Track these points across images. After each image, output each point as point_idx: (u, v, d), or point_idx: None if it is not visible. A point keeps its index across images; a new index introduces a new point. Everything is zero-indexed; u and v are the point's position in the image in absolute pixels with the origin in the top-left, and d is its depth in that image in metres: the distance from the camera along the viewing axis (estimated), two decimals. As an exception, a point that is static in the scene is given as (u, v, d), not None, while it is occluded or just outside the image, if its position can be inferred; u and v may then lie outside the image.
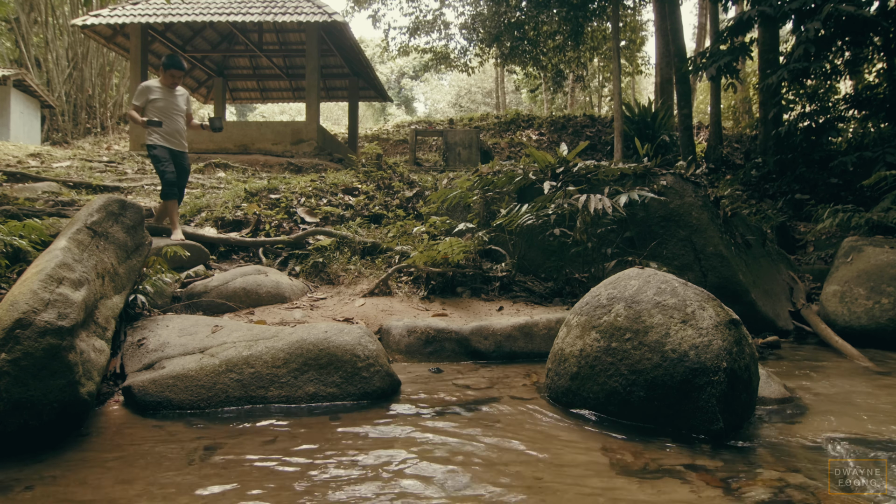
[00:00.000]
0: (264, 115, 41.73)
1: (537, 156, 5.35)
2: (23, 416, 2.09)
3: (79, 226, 2.80)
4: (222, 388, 2.63)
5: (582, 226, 4.44)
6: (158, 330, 3.12)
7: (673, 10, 11.35)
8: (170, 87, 5.28)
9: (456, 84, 42.79)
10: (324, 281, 5.30)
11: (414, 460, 2.07)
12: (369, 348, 2.89)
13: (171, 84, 5.28)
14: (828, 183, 8.91)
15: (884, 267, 4.66)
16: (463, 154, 11.85)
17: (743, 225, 5.54)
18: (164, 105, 5.19)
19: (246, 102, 21.67)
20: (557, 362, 2.77)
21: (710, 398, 2.25)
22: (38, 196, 6.32)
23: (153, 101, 5.14)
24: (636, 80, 26.35)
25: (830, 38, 8.18)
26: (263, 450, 2.14)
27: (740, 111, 19.14)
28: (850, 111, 9.53)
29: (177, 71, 5.24)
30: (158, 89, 5.19)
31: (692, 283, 2.66)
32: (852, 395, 3.02)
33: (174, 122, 5.28)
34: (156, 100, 5.14)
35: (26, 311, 2.14)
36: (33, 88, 16.17)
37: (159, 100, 5.16)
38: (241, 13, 11.80)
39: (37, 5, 17.71)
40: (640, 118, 12.48)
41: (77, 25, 12.05)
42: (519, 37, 16.18)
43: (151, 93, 5.16)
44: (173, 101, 5.30)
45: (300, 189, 7.29)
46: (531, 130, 18.48)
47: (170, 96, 5.27)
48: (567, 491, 1.82)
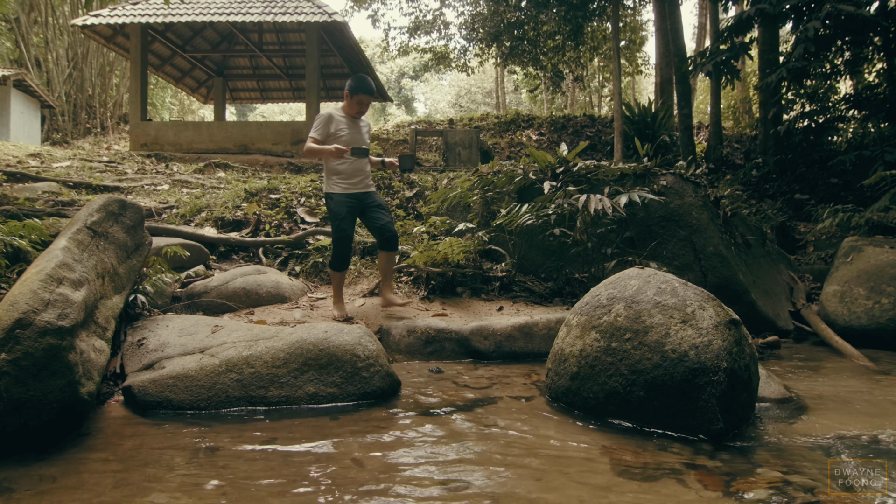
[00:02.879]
0: (264, 115, 41.73)
1: (537, 156, 5.35)
2: (23, 416, 2.09)
3: (79, 226, 2.80)
4: (222, 388, 2.63)
5: (582, 226, 4.44)
6: (158, 330, 3.12)
7: (673, 10, 11.34)
8: (355, 117, 4.18)
9: (456, 84, 42.79)
10: (324, 281, 5.30)
11: (414, 460, 2.07)
12: (369, 348, 2.89)
13: (356, 113, 4.16)
14: (828, 183, 8.91)
15: (884, 267, 4.66)
16: (463, 154, 11.85)
17: (743, 225, 5.54)
18: (349, 139, 4.08)
19: (246, 102, 21.68)
20: (557, 362, 2.77)
21: (710, 398, 2.25)
22: (38, 196, 6.32)
23: (336, 135, 4.05)
24: (636, 80, 26.34)
25: (830, 37, 8.17)
26: (263, 450, 2.14)
27: (740, 111, 19.14)
28: (850, 111, 9.53)
29: (366, 97, 4.10)
30: (342, 119, 4.10)
31: (692, 283, 2.66)
32: (852, 394, 3.02)
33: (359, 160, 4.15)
34: (339, 132, 4.06)
35: (26, 311, 2.14)
36: (33, 88, 16.17)
37: (343, 133, 4.07)
38: (241, 13, 11.80)
39: (37, 5, 17.71)
40: (640, 118, 12.47)
41: (77, 25, 12.05)
42: (519, 37, 16.18)
43: (334, 123, 4.07)
44: (358, 134, 4.18)
45: (300, 189, 7.30)
46: (531, 130, 18.48)
47: (355, 128, 4.16)
48: (567, 491, 1.82)
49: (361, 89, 4.07)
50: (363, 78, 4.12)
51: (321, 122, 4.05)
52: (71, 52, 18.20)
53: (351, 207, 4.08)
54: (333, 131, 4.05)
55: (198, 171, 9.93)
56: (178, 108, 26.77)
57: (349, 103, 4.12)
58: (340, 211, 4.05)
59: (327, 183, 4.15)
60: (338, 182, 4.09)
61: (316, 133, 4.03)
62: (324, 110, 4.13)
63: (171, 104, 26.06)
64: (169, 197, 7.20)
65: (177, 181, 8.54)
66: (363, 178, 4.16)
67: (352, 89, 4.07)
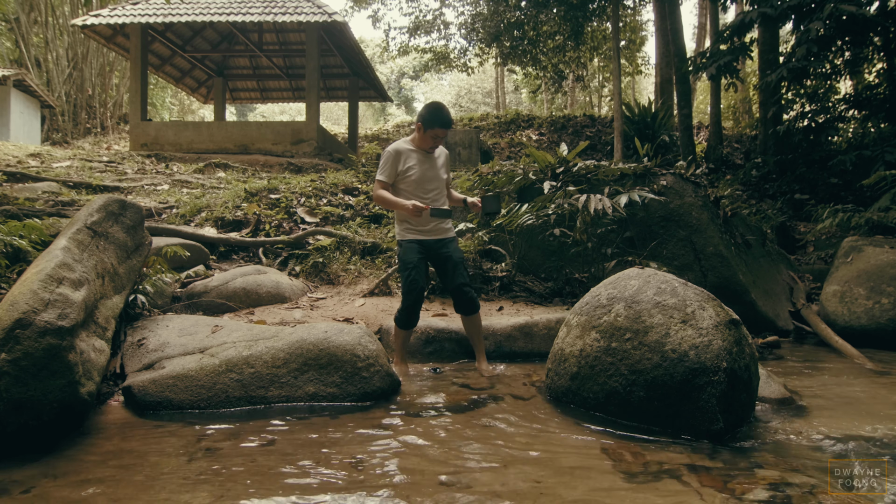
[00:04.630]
0: (264, 115, 41.72)
1: (537, 156, 5.36)
2: (23, 416, 2.09)
3: (79, 226, 2.80)
4: (222, 388, 2.63)
5: (582, 226, 4.44)
6: (158, 330, 3.12)
7: (673, 10, 11.34)
8: (429, 151, 3.50)
9: (456, 84, 42.79)
10: (324, 281, 5.30)
11: (414, 460, 2.07)
12: (369, 348, 2.89)
13: (431, 147, 3.48)
14: (828, 183, 8.91)
15: (884, 267, 4.66)
16: (463, 154, 11.85)
17: (743, 225, 5.54)
18: (421, 176, 3.44)
19: (246, 102, 21.68)
20: (557, 362, 2.77)
21: (709, 398, 2.25)
22: (38, 196, 6.32)
23: (406, 172, 3.42)
24: (636, 80, 26.33)
25: (830, 37, 8.17)
26: (263, 450, 2.14)
27: (740, 111, 19.14)
28: (850, 111, 9.53)
29: (442, 130, 3.40)
30: (413, 154, 3.45)
31: (692, 283, 2.66)
32: (852, 395, 3.02)
33: (434, 198, 3.50)
34: (410, 171, 3.42)
35: (26, 311, 2.14)
36: (33, 88, 16.17)
37: (415, 170, 3.42)
38: (241, 13, 11.79)
39: (37, 5, 17.71)
40: (640, 118, 12.47)
41: (77, 25, 12.04)
42: (519, 37, 16.17)
43: (403, 159, 3.43)
44: (432, 170, 3.51)
45: (300, 189, 7.30)
46: (531, 130, 18.48)
47: (428, 163, 3.49)
48: (566, 491, 1.82)
49: (437, 122, 3.37)
50: (438, 108, 3.42)
51: (388, 160, 3.41)
52: (71, 52, 18.19)
53: (423, 256, 3.45)
54: (403, 169, 3.42)
55: (198, 171, 9.93)
56: (178, 108, 26.76)
57: (422, 137, 3.42)
58: (411, 259, 3.39)
59: (398, 229, 3.54)
60: (409, 228, 3.47)
61: (384, 175, 3.40)
62: (391, 145, 3.51)
63: (171, 104, 26.06)
64: (169, 197, 7.20)
65: (177, 181, 8.54)
66: (439, 223, 3.51)
67: (426, 122, 3.37)
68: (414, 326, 3.49)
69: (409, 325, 3.44)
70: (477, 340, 3.50)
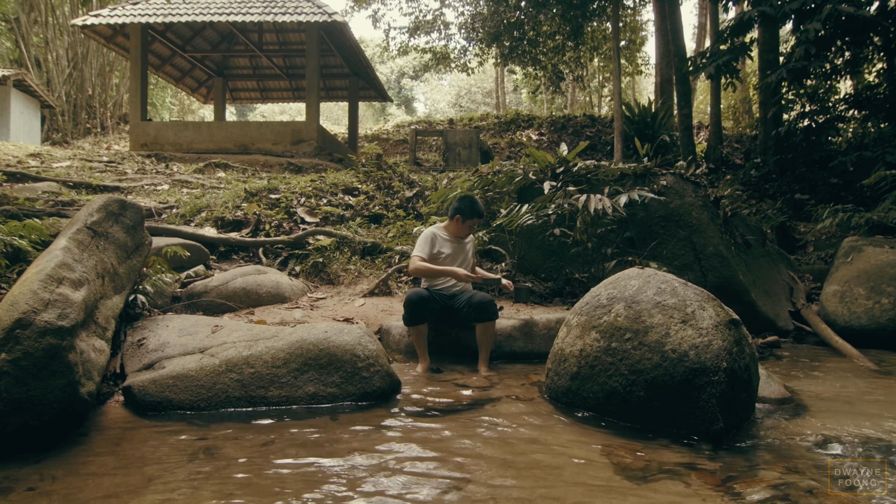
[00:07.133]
0: (264, 115, 41.72)
1: (537, 156, 5.36)
2: (23, 416, 2.09)
3: (79, 226, 2.80)
4: (222, 389, 2.63)
5: (582, 226, 4.44)
6: (158, 330, 3.12)
7: (673, 10, 11.34)
8: (461, 238, 3.94)
9: (456, 84, 42.79)
10: (324, 281, 5.30)
11: (414, 460, 2.07)
12: (369, 348, 2.89)
13: (466, 234, 3.93)
14: (828, 183, 8.91)
15: (884, 267, 4.66)
16: (463, 154, 11.86)
17: (743, 225, 5.54)
18: (451, 260, 3.86)
19: (246, 102, 21.67)
20: (557, 362, 2.77)
21: (710, 398, 2.25)
22: (38, 196, 6.32)
23: (437, 256, 3.83)
24: (636, 80, 26.33)
25: (830, 38, 8.17)
26: (263, 450, 2.14)
27: (740, 111, 19.14)
28: (850, 111, 9.53)
29: (477, 220, 3.86)
30: (447, 242, 3.87)
31: (692, 283, 2.66)
32: (852, 395, 3.02)
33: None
34: (442, 254, 3.84)
35: (26, 311, 2.14)
36: (33, 88, 16.16)
37: (446, 254, 3.85)
38: (241, 13, 11.80)
39: (37, 5, 17.71)
40: (640, 118, 12.47)
41: (77, 25, 12.04)
42: (518, 37, 16.18)
43: (438, 245, 3.85)
44: (462, 255, 3.93)
45: (300, 189, 7.29)
46: (531, 130, 18.49)
47: (459, 249, 3.92)
48: (567, 491, 1.82)
49: (476, 214, 3.82)
50: (473, 201, 3.86)
51: (426, 241, 3.83)
52: (71, 52, 18.19)
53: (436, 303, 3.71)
54: (435, 252, 3.83)
55: (198, 171, 9.93)
56: (178, 108, 26.76)
57: (458, 226, 3.85)
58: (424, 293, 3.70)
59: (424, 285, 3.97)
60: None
61: (422, 252, 3.79)
62: (427, 228, 3.99)
63: (171, 104, 26.05)
64: (169, 197, 7.20)
65: (177, 181, 8.53)
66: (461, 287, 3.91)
67: (464, 213, 3.80)
68: (421, 323, 3.56)
69: (413, 321, 3.55)
70: (484, 347, 3.58)
